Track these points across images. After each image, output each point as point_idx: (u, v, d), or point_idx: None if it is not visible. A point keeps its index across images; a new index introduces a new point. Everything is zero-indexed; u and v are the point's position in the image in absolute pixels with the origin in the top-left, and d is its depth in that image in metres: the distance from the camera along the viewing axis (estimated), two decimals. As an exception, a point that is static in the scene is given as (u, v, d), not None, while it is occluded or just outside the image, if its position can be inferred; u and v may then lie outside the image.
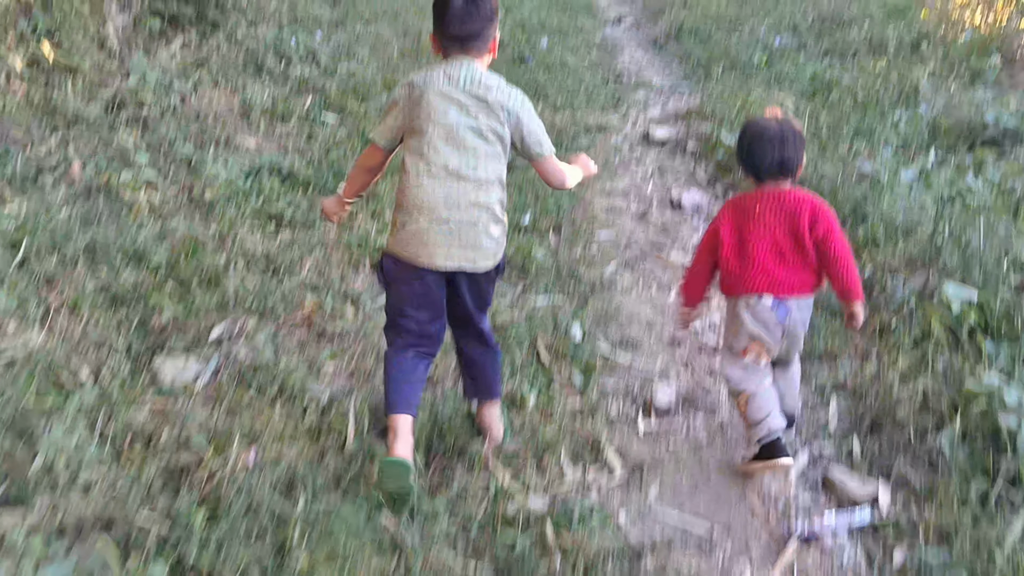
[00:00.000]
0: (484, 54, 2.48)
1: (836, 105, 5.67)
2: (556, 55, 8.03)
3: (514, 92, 2.46)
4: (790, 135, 2.53)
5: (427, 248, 2.40)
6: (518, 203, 4.73)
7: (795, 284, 2.54)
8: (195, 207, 4.54)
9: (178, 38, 7.38)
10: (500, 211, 2.47)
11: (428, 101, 2.37)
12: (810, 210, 2.51)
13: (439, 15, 2.42)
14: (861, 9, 8.30)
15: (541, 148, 2.51)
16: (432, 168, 2.37)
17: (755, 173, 2.59)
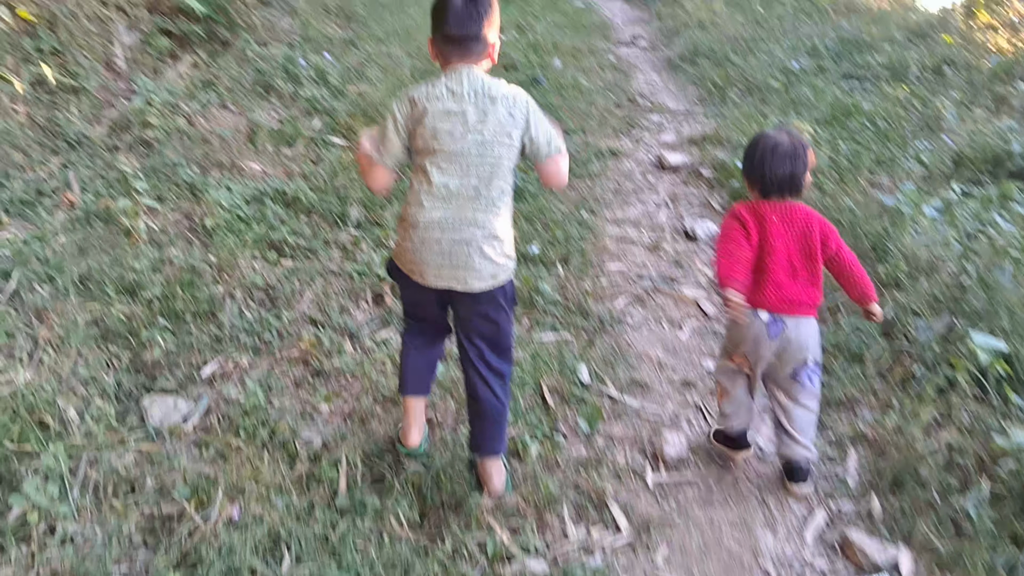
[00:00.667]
0: (483, 59, 2.44)
1: (856, 133, 5.51)
2: (569, 77, 7.90)
3: (520, 94, 2.41)
4: (801, 150, 2.53)
5: (419, 267, 2.43)
6: (527, 233, 4.60)
7: (803, 302, 2.55)
8: (195, 235, 4.43)
9: (187, 58, 7.32)
10: (501, 229, 2.43)
11: (431, 120, 2.34)
12: (820, 227, 2.54)
13: (438, 17, 2.39)
14: (882, 32, 8.12)
15: (549, 148, 2.43)
16: (433, 188, 2.37)
17: (763, 187, 2.56)
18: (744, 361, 2.69)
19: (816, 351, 2.65)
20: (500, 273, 2.46)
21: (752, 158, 2.58)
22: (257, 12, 8.92)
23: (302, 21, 9.41)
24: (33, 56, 5.66)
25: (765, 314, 2.55)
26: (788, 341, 2.58)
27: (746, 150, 2.65)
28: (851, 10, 9.73)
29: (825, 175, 4.88)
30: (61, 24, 6.01)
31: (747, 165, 2.61)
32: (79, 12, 6.32)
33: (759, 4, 10.21)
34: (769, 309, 2.55)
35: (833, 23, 9.04)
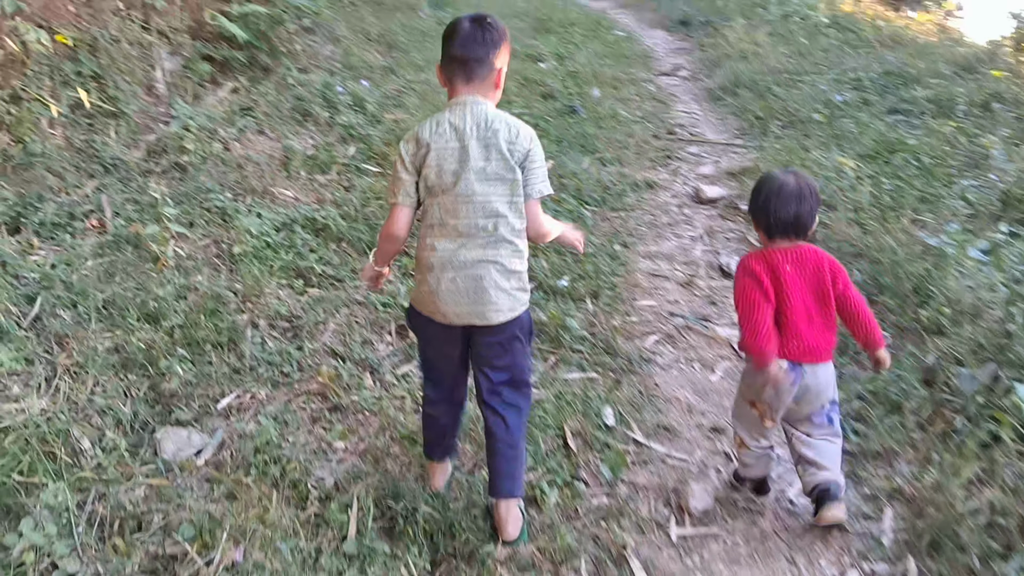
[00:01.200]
0: (489, 88, 2.41)
1: (900, 169, 5.34)
2: (607, 107, 7.83)
3: (523, 129, 2.39)
4: (807, 191, 2.49)
5: (439, 307, 2.43)
6: (557, 265, 4.50)
7: (820, 349, 2.52)
8: (223, 261, 4.40)
9: (228, 83, 7.38)
10: (515, 262, 2.43)
11: (435, 159, 2.35)
12: (830, 266, 2.52)
13: (447, 39, 2.41)
14: (929, 66, 7.93)
15: (532, 189, 2.40)
16: (443, 228, 2.38)
17: (768, 229, 2.54)
18: (766, 408, 2.65)
19: (833, 392, 2.64)
20: (517, 306, 2.46)
21: (757, 199, 2.56)
22: (300, 39, 9.01)
23: (344, 48, 9.48)
24: (73, 80, 5.73)
25: (784, 362, 2.51)
26: (807, 388, 2.56)
27: (752, 191, 2.62)
28: (897, 42, 9.54)
29: (867, 212, 4.72)
30: (103, 49, 6.08)
31: (752, 206, 2.59)
32: (122, 37, 6.40)
33: (803, 36, 10.06)
34: (788, 358, 2.51)
35: (878, 56, 8.86)
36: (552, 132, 6.95)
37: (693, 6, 13.28)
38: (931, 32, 10.76)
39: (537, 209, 2.44)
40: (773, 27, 10.69)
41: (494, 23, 2.41)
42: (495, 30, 2.39)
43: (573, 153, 6.54)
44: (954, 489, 2.70)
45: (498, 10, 12.90)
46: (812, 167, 5.50)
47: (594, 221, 5.22)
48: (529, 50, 10.16)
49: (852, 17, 10.94)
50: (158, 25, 6.89)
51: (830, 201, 4.91)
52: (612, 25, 13.03)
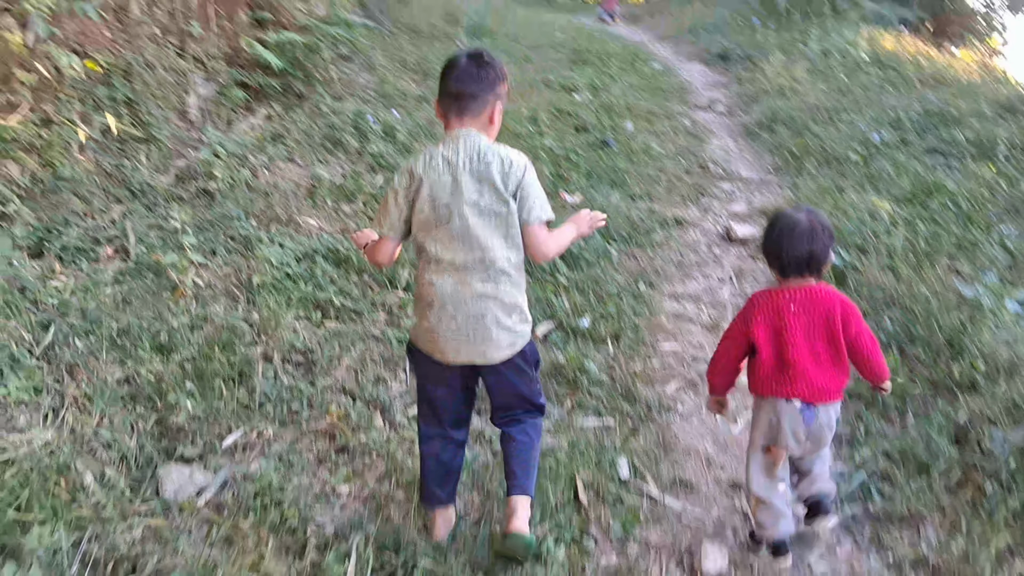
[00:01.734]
0: (484, 124, 2.43)
1: (937, 213, 5.18)
2: (641, 141, 7.74)
3: (517, 158, 2.40)
4: (820, 230, 2.49)
5: (438, 345, 2.43)
6: (579, 305, 4.41)
7: (830, 389, 2.51)
8: (241, 291, 4.37)
9: (262, 110, 7.41)
10: (515, 295, 2.43)
11: (428, 192, 2.35)
12: (842, 309, 2.49)
13: (443, 75, 2.46)
14: (970, 106, 7.74)
15: (530, 215, 2.39)
16: (439, 265, 2.38)
17: (781, 267, 2.54)
18: (781, 452, 2.62)
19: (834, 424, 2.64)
20: (518, 340, 2.46)
21: (770, 237, 2.56)
22: (336, 67, 9.05)
23: (379, 77, 9.52)
24: (106, 105, 5.77)
25: (798, 402, 2.50)
26: (821, 427, 2.56)
27: (766, 229, 2.62)
28: (938, 81, 9.35)
29: (901, 258, 4.57)
30: (137, 74, 6.12)
31: (766, 244, 2.59)
32: (157, 63, 6.44)
33: (843, 73, 9.91)
34: (801, 399, 2.51)
35: (919, 94, 8.69)
36: (583, 165, 6.88)
37: (732, 40, 13.19)
38: (974, 71, 10.55)
39: (539, 235, 2.41)
40: (812, 63, 10.55)
41: (491, 60, 2.45)
42: (491, 67, 2.43)
43: (603, 187, 6.46)
44: (983, 561, 2.55)
45: (534, 41, 12.93)
46: (847, 209, 5.36)
47: (620, 259, 5.12)
48: (564, 81, 10.13)
49: (894, 55, 10.77)
50: (194, 51, 6.94)
51: (863, 245, 4.77)
52: (649, 57, 12.97)
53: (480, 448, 3.24)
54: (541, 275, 4.66)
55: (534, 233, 2.40)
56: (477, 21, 13.58)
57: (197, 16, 7.01)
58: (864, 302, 4.21)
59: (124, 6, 6.30)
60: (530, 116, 8.28)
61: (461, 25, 13.11)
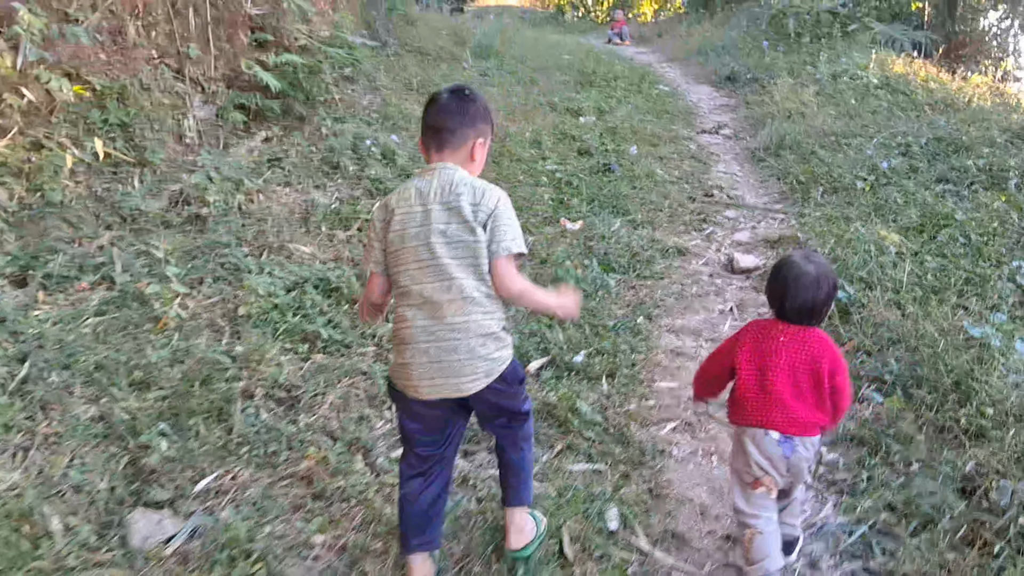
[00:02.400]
0: (463, 159, 2.41)
1: (945, 246, 5.02)
2: (644, 165, 7.62)
3: (490, 190, 2.35)
4: (824, 280, 2.50)
5: (412, 382, 2.38)
6: (574, 339, 4.28)
7: (808, 424, 2.52)
8: (227, 322, 4.26)
9: (261, 132, 7.33)
10: (489, 323, 2.37)
11: (399, 224, 2.34)
12: (830, 357, 2.50)
13: (424, 109, 2.45)
14: (981, 133, 7.58)
15: (498, 247, 2.32)
16: (410, 297, 2.35)
17: (780, 311, 2.55)
18: (770, 480, 2.59)
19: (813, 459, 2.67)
20: (495, 367, 2.39)
21: (775, 284, 2.56)
22: (339, 88, 9.00)
23: (383, 98, 9.46)
24: (99, 129, 5.70)
25: (776, 434, 2.51)
26: (800, 459, 2.55)
27: (771, 273, 2.62)
28: (949, 107, 9.20)
29: (907, 293, 4.42)
30: (132, 97, 6.05)
31: (769, 287, 2.60)
32: (153, 85, 6.38)
33: (852, 97, 9.78)
34: (777, 429, 2.52)
35: (928, 119, 8.54)
36: (585, 190, 6.77)
37: (741, 62, 13.09)
38: (985, 95, 10.40)
39: (505, 268, 2.33)
40: (821, 87, 10.43)
41: (473, 96, 2.44)
42: (472, 103, 2.42)
43: (604, 214, 6.34)
44: (992, 629, 2.39)
45: (541, 62, 12.86)
46: (853, 240, 5.21)
47: (619, 290, 4.99)
48: (569, 103, 10.05)
49: (904, 78, 10.63)
50: (192, 74, 6.88)
51: (869, 279, 4.63)
52: (657, 79, 12.89)
53: (464, 492, 3.10)
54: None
55: (499, 266, 2.33)
56: (484, 42, 13.53)
57: (196, 38, 6.95)
58: (868, 340, 4.07)
59: (121, 29, 6.24)
60: (533, 139, 8.19)
61: (468, 46, 13.07)
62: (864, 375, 3.85)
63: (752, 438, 2.56)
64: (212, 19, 7.17)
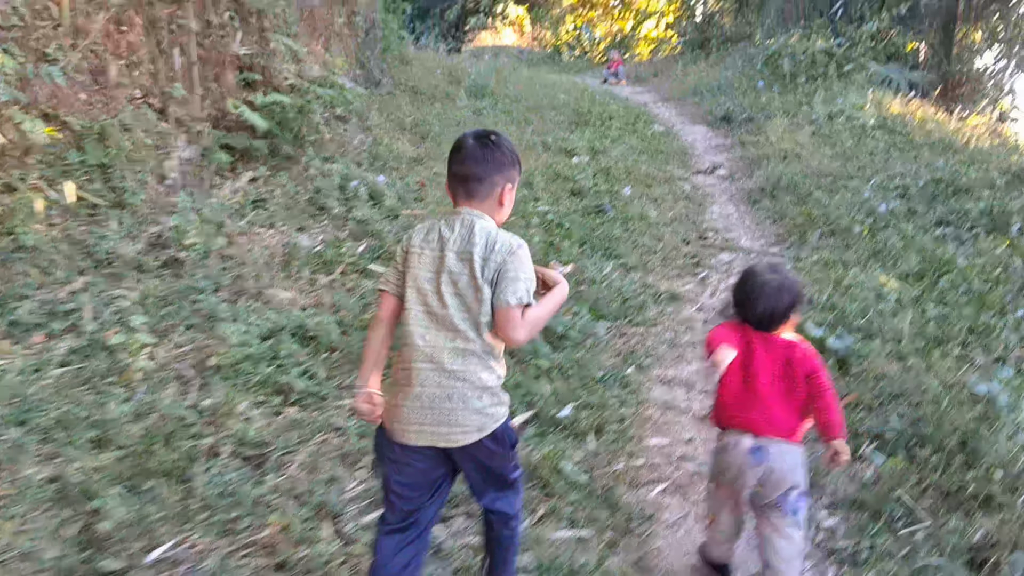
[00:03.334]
0: (492, 206, 2.38)
1: (947, 293, 4.85)
2: (637, 207, 7.48)
3: (505, 241, 2.30)
4: (787, 289, 2.58)
5: (400, 424, 2.34)
6: (560, 392, 4.09)
7: (786, 426, 2.55)
8: (198, 373, 4.07)
9: (247, 173, 7.20)
10: (487, 377, 2.33)
11: (416, 263, 2.33)
12: (802, 362, 2.55)
13: (451, 155, 2.40)
14: (981, 175, 7.45)
15: (500, 298, 2.25)
16: (412, 338, 2.31)
17: (746, 319, 2.63)
18: (728, 490, 2.66)
19: (801, 481, 2.59)
20: (489, 423, 2.33)
21: (740, 290, 2.65)
22: (330, 127, 8.90)
23: (375, 138, 9.35)
24: (76, 170, 5.55)
25: (749, 440, 2.55)
26: (772, 470, 2.55)
27: (736, 282, 2.70)
28: (947, 148, 9.10)
29: (909, 344, 4.24)
30: (112, 137, 5.91)
31: (735, 296, 2.68)
32: (135, 125, 6.24)
33: (849, 137, 9.68)
34: (755, 430, 2.55)
35: (927, 161, 8.42)
36: (576, 233, 6.61)
37: (736, 102, 13.02)
38: (983, 136, 10.32)
39: (505, 319, 2.25)
40: (817, 127, 10.34)
41: (499, 141, 2.38)
42: (499, 149, 2.37)
43: (596, 257, 6.18)
44: None
45: (536, 102, 12.80)
46: (852, 287, 5.04)
47: (609, 338, 4.80)
48: (563, 143, 9.94)
49: (901, 119, 10.55)
50: (176, 114, 6.75)
51: (869, 328, 4.45)
52: (651, 119, 12.82)
53: (436, 565, 2.90)
54: (522, 357, 4.35)
55: (503, 316, 2.26)
56: (479, 82, 13.49)
57: (181, 78, 6.84)
58: (868, 393, 3.88)
59: (102, 68, 6.12)
60: (525, 179, 8.05)
61: (463, 86, 13.02)
62: (864, 432, 3.65)
63: (726, 444, 2.62)
64: (199, 58, 7.07)
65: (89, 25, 5.94)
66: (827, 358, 4.26)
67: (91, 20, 5.96)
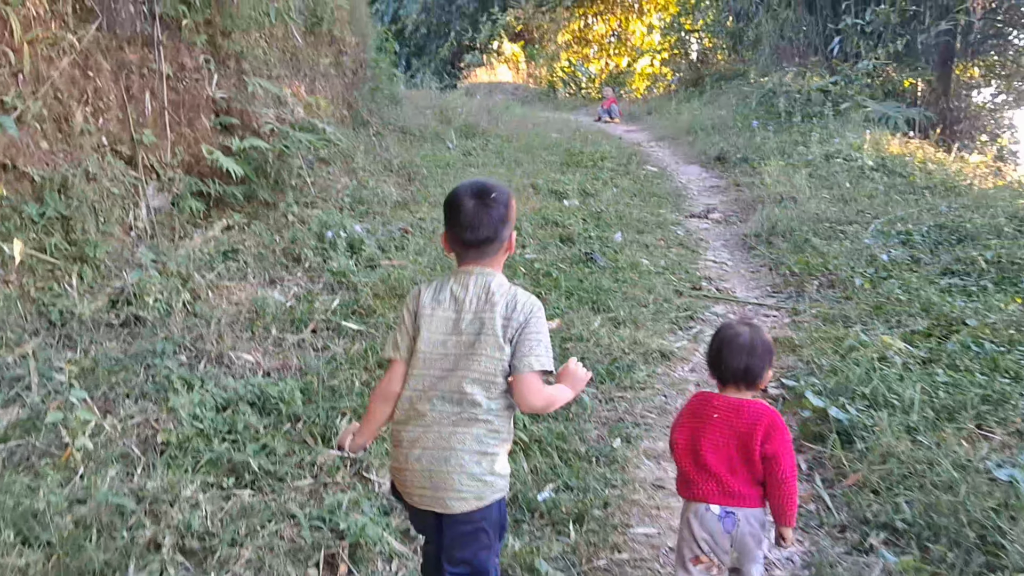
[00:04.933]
0: (500, 258, 2.36)
1: (957, 356, 4.52)
2: (628, 254, 7.19)
3: (522, 304, 2.27)
4: (759, 346, 2.55)
5: (404, 486, 2.35)
6: (541, 471, 3.75)
7: (746, 496, 2.52)
8: (143, 451, 3.74)
9: (221, 221, 6.92)
10: (491, 443, 2.28)
11: (428, 324, 2.29)
12: (766, 425, 2.49)
13: (452, 217, 2.31)
14: (986, 220, 7.15)
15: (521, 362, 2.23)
16: (418, 401, 2.29)
17: (720, 377, 2.61)
18: (710, 562, 2.56)
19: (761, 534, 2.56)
20: (487, 493, 2.28)
21: (712, 347, 2.63)
22: (314, 171, 8.65)
23: (359, 181, 9.09)
24: (34, 224, 5.26)
25: (717, 508, 2.52)
26: (744, 535, 2.52)
27: (710, 339, 2.68)
28: (950, 190, 8.81)
29: (916, 416, 3.91)
30: (75, 188, 5.62)
31: (708, 353, 2.66)
32: (101, 175, 5.97)
33: (847, 179, 9.41)
34: (716, 503, 2.52)
35: (929, 205, 8.13)
36: (564, 283, 6.31)
37: (731, 142, 12.79)
38: (986, 175, 10.06)
39: (528, 384, 2.24)
40: (814, 168, 10.07)
41: (498, 196, 2.29)
42: (499, 203, 2.29)
43: (584, 310, 5.87)
44: None
45: (528, 142, 12.56)
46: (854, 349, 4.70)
47: (594, 405, 4.47)
48: (554, 186, 9.68)
49: (901, 159, 10.30)
50: (146, 161, 6.49)
51: (873, 397, 4.12)
52: (645, 159, 12.58)
53: None
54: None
55: (522, 381, 2.24)
56: (470, 121, 13.28)
57: (152, 124, 6.58)
58: (874, 474, 3.54)
59: (67, 115, 5.85)
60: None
61: (453, 125, 12.81)
62: (872, 520, 3.31)
63: (695, 513, 2.55)
64: (171, 103, 6.82)
65: (51, 71, 5.68)
66: (829, 431, 3.93)
67: (53, 65, 5.69)
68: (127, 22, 6.46)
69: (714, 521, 2.52)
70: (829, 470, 3.75)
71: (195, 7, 7.03)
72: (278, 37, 9.04)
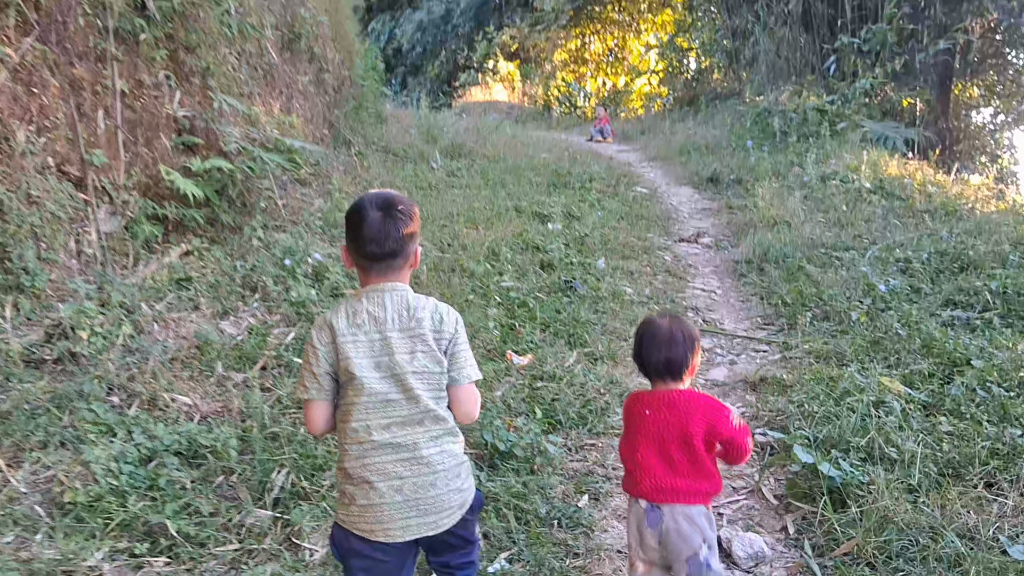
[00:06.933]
0: (406, 272, 2.29)
1: (962, 401, 4.10)
2: (611, 282, 6.78)
3: (448, 314, 2.27)
4: (680, 337, 2.54)
5: (382, 524, 2.20)
6: (494, 536, 3.33)
7: (680, 492, 2.49)
8: (49, 511, 3.32)
9: (180, 246, 6.52)
10: (460, 454, 2.28)
11: (353, 352, 2.17)
12: (705, 414, 2.47)
13: (354, 231, 2.22)
14: (989, 247, 6.75)
15: (460, 374, 2.27)
16: (372, 433, 2.18)
17: (645, 372, 2.61)
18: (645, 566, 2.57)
19: (707, 536, 2.49)
20: (467, 497, 2.31)
21: (635, 344, 2.63)
22: (287, 192, 8.29)
23: (334, 203, 8.73)
24: (-41, 251, 4.87)
25: (644, 502, 2.53)
26: (668, 532, 2.49)
27: (634, 336, 2.67)
28: (951, 214, 8.42)
29: (917, 473, 3.49)
30: (13, 212, 5.23)
31: (634, 349, 2.65)
32: (45, 197, 5.57)
33: (843, 202, 9.02)
34: (646, 498, 2.52)
35: (929, 230, 7.73)
36: (540, 315, 5.90)
37: (725, 162, 12.41)
38: (987, 198, 9.67)
39: (468, 395, 2.30)
40: (809, 190, 9.69)
41: (402, 208, 2.21)
42: (404, 216, 2.20)
43: (559, 344, 5.46)
44: None
45: (515, 162, 12.20)
46: (849, 392, 4.29)
47: (561, 454, 4.06)
48: (538, 208, 9.28)
49: (899, 181, 9.91)
50: (98, 182, 6.09)
51: (869, 449, 3.70)
52: (635, 180, 12.20)
53: None
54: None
55: (464, 392, 2.29)
56: (457, 141, 12.93)
57: (105, 143, 6.19)
58: (871, 543, 3.12)
59: (8, 135, 5.47)
60: (490, 250, 7.36)
61: (438, 145, 12.46)
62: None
63: (631, 509, 2.58)
64: (127, 122, 6.44)
65: (-12, 87, 5.29)
66: (820, 490, 3.51)
67: (-10, 81, 5.31)
68: (77, 36, 6.09)
69: (641, 516, 2.53)
70: (819, 536, 3.33)
71: (155, 21, 6.66)
72: (251, 53, 8.69)
